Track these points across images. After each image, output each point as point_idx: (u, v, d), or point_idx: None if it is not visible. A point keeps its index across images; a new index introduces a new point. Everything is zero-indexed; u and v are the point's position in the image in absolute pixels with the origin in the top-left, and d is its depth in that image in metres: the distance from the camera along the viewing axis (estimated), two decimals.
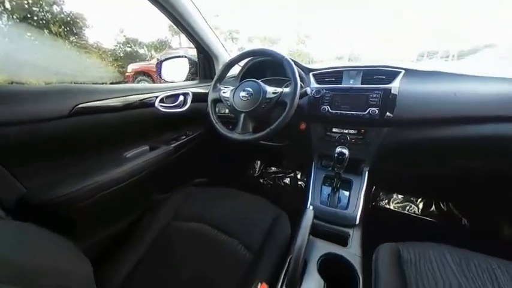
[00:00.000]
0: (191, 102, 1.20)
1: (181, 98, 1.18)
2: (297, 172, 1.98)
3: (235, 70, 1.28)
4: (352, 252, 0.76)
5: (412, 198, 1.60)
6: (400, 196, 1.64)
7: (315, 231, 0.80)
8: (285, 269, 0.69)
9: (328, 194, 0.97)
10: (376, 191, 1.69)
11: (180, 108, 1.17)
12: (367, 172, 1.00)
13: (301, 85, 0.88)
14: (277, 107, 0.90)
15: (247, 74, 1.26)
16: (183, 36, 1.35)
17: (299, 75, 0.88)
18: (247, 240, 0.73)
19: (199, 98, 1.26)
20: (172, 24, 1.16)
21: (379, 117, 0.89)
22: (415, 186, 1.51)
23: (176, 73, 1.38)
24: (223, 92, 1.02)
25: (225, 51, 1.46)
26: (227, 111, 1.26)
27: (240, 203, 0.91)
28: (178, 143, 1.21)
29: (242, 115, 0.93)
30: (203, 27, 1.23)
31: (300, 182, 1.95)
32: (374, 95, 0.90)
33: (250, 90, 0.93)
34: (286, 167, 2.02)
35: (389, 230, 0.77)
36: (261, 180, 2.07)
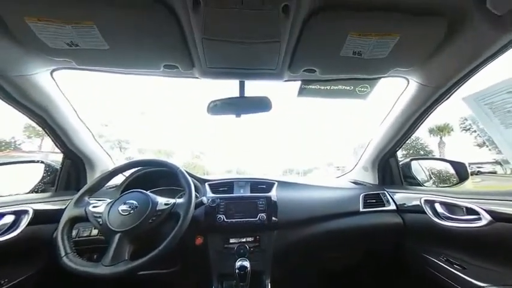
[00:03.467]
0: (27, 225, 0.80)
1: (6, 219, 0.77)
2: None
3: (117, 180, 1.09)
4: None
5: None
6: None
7: None
8: None
9: None
10: None
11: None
12: (269, 284, 0.96)
13: (196, 195, 0.87)
14: (168, 221, 0.78)
15: (133, 184, 1.10)
16: (48, 140, 1.09)
17: (194, 185, 0.89)
18: None
19: (45, 217, 0.88)
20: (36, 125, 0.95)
21: (267, 221, 1.00)
22: (308, 283, 1.56)
23: (13, 183, 0.97)
24: (94, 207, 0.79)
25: (108, 158, 1.29)
26: (95, 232, 0.93)
27: None
28: None
29: (117, 236, 0.71)
30: (79, 129, 1.07)
31: None
32: (260, 202, 1.05)
33: (135, 202, 0.78)
34: None
35: None
36: None
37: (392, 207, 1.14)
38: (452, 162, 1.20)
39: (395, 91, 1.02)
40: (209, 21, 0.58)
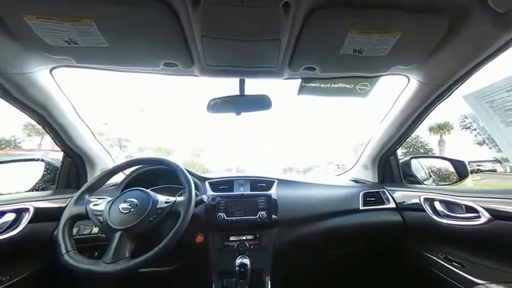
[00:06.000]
0: (28, 223, 0.80)
1: (8, 217, 0.77)
2: None
3: (117, 178, 1.08)
4: None
5: None
6: None
7: None
8: None
9: None
10: None
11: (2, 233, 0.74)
12: (269, 282, 0.96)
13: (196, 193, 0.87)
14: (169, 219, 0.78)
15: (133, 183, 1.10)
16: (48, 138, 1.10)
17: (194, 184, 0.89)
18: None
19: (46, 215, 0.88)
20: (36, 123, 0.95)
21: (268, 219, 1.01)
22: (308, 281, 1.57)
23: (13, 181, 0.97)
24: (95, 205, 0.79)
25: (108, 156, 1.29)
26: (95, 230, 0.93)
27: None
28: None
29: (118, 234, 0.71)
30: (79, 127, 1.07)
31: None
32: (260, 200, 1.05)
33: (135, 201, 0.78)
34: None
35: None
36: None
37: (392, 205, 1.15)
38: (452, 161, 1.21)
39: (396, 89, 1.02)
40: (209, 19, 0.58)
